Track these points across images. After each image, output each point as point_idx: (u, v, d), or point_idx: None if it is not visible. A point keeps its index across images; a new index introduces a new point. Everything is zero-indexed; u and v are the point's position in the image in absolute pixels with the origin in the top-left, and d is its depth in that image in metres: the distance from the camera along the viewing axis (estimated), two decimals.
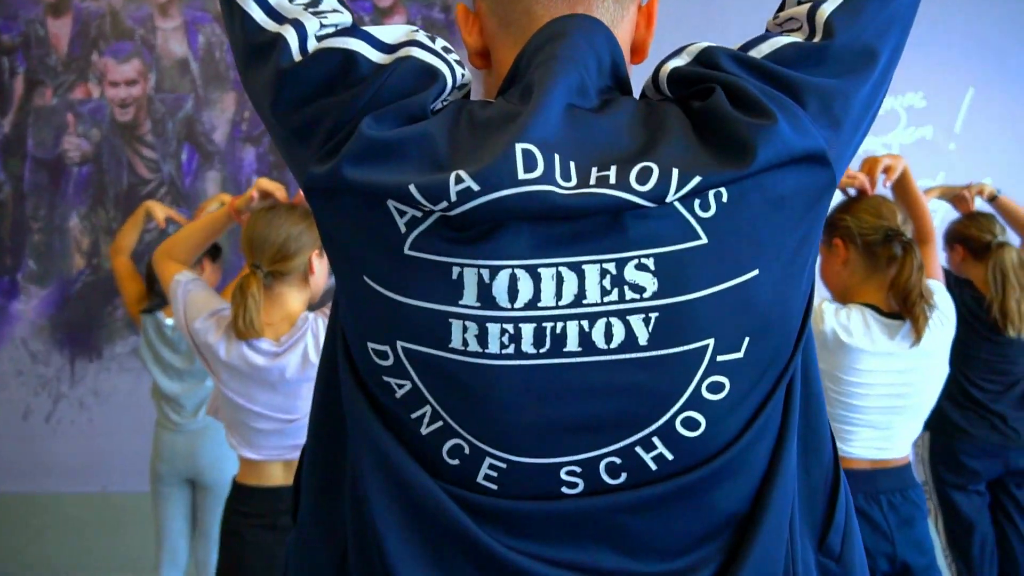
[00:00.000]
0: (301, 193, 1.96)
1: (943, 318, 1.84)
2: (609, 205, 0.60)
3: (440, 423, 0.66)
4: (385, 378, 0.68)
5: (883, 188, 1.92)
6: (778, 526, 0.69)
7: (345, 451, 0.74)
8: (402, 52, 0.68)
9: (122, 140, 3.94)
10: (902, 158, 1.94)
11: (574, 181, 0.61)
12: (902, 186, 1.96)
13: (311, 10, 0.71)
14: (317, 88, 0.67)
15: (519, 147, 0.61)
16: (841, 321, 1.77)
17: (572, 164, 0.62)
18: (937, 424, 2.49)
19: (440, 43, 0.71)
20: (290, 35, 0.68)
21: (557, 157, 0.61)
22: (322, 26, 0.70)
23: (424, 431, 0.67)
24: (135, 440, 3.28)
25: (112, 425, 3.85)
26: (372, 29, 0.70)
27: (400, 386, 0.67)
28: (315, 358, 1.78)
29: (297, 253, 1.85)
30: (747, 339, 0.64)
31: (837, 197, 1.88)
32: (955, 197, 2.62)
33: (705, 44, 0.69)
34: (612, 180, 0.60)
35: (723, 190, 0.62)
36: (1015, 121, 3.51)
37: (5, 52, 4.00)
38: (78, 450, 3.87)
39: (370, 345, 0.67)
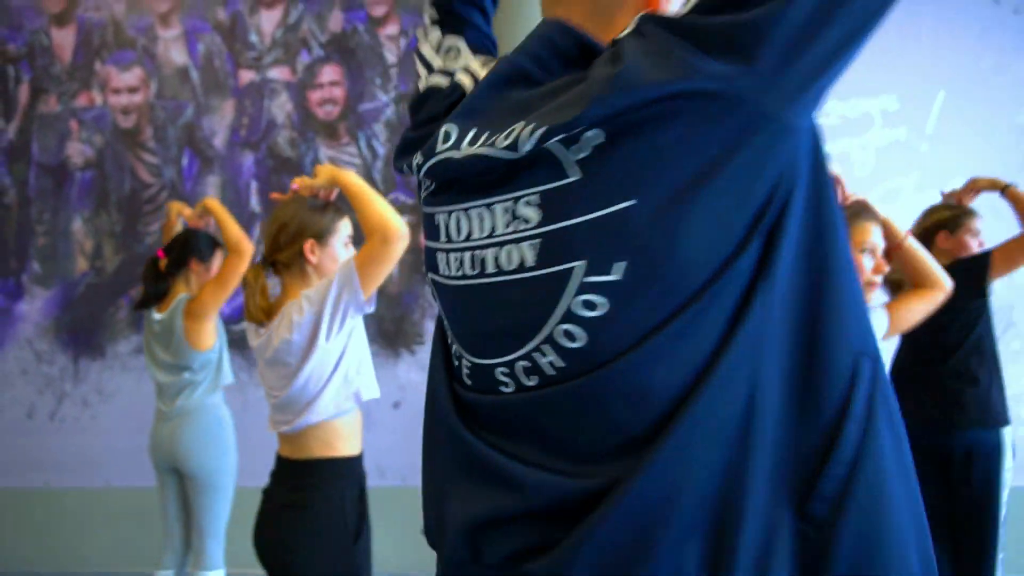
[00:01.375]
0: (299, 181, 1.99)
1: None
2: (486, 162, 0.77)
3: (451, 333, 0.88)
4: (437, 303, 0.91)
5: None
6: (681, 458, 0.70)
7: None
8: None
9: (124, 146, 4.06)
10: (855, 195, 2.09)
11: (475, 145, 0.78)
12: (905, 259, 2.16)
13: None
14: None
15: (443, 128, 0.82)
16: None
17: (485, 134, 0.78)
18: None
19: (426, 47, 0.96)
20: None
21: (474, 130, 0.79)
22: None
23: (450, 341, 0.89)
24: (137, 436, 3.36)
25: (114, 422, 3.94)
26: None
27: (439, 307, 0.90)
28: (277, 342, 1.86)
29: (287, 244, 1.90)
30: (624, 263, 0.71)
31: None
32: (992, 186, 2.70)
33: (649, 12, 0.75)
34: (490, 142, 0.77)
35: (599, 133, 0.71)
36: (985, 122, 3.61)
37: (10, 61, 4.12)
38: (81, 446, 3.96)
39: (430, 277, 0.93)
